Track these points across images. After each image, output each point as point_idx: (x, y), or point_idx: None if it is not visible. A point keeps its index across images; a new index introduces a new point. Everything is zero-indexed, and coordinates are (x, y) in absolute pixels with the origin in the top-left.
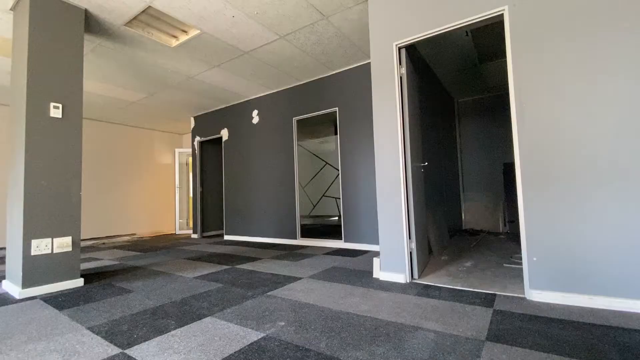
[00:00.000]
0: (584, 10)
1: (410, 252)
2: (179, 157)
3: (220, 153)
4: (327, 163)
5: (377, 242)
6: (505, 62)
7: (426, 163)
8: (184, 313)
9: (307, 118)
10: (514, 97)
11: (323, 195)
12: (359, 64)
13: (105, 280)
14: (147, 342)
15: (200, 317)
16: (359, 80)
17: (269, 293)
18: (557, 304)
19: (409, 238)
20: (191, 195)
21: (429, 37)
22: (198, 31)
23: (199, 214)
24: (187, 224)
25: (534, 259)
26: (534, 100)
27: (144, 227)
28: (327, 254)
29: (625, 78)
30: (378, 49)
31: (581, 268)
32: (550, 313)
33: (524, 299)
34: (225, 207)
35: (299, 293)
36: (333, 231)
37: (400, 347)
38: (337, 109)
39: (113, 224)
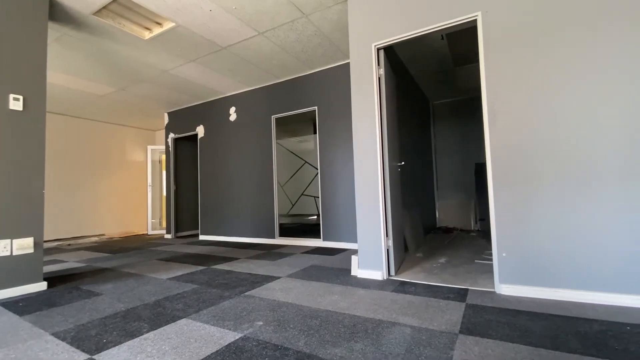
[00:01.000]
0: (550, 19)
1: (388, 250)
2: (151, 155)
3: (195, 150)
4: (306, 162)
5: (355, 241)
6: (478, 66)
7: (403, 163)
8: (158, 315)
9: (286, 116)
10: (486, 100)
11: (302, 194)
12: (338, 64)
13: (71, 283)
14: (117, 346)
15: (174, 319)
16: (338, 80)
17: (246, 293)
18: (525, 297)
19: (387, 236)
20: (165, 194)
21: (407, 40)
22: (173, 24)
23: (173, 214)
24: (160, 223)
25: (503, 254)
26: (505, 103)
27: (114, 228)
28: (306, 252)
29: (588, 83)
30: (357, 50)
31: (546, 263)
32: (518, 305)
33: (494, 293)
34: (201, 206)
35: (278, 292)
36: (312, 230)
37: (378, 343)
38: (316, 107)
39: (80, 224)
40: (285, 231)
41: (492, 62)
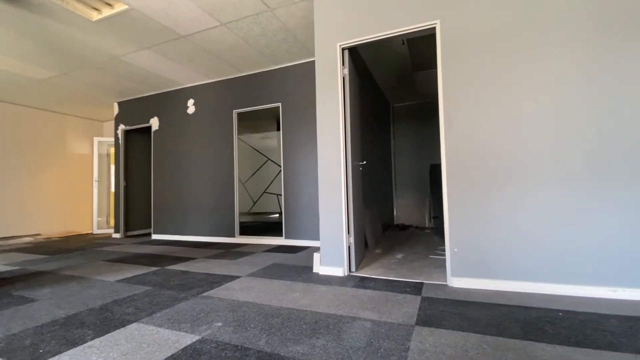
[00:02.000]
0: (499, 33)
1: (349, 247)
2: (98, 147)
3: (148, 144)
4: (268, 159)
5: (318, 238)
6: (436, 72)
7: (365, 162)
8: (104, 321)
9: (248, 112)
10: (442, 105)
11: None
12: (303, 61)
13: (0, 288)
14: (56, 356)
15: (124, 324)
16: (303, 77)
17: (204, 294)
18: (474, 289)
19: (348, 233)
20: (113, 190)
21: (370, 42)
22: (126, 6)
23: (123, 211)
24: (108, 222)
25: (455, 250)
26: (460, 108)
27: (53, 227)
28: (268, 251)
29: (533, 92)
30: (322, 48)
31: (492, 257)
32: (467, 297)
33: (446, 285)
34: (154, 204)
35: (238, 292)
36: (274, 228)
37: (340, 338)
38: (280, 104)
39: (10, 223)
40: (246, 229)
41: (448, 68)
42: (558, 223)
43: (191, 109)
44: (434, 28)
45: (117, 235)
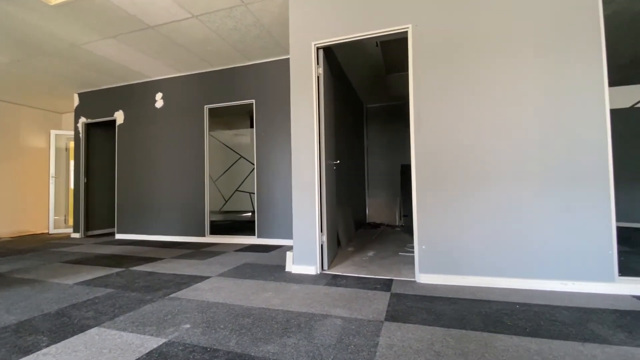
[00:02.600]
0: (468, 40)
1: (322, 245)
2: (56, 141)
3: (112, 138)
4: (241, 156)
5: (291, 237)
6: (407, 75)
7: (338, 161)
8: (61, 326)
9: (221, 107)
10: (413, 108)
11: (236, 190)
12: (278, 58)
13: None
14: None
15: (83, 329)
16: (277, 75)
17: (171, 295)
18: (440, 284)
19: (321, 231)
20: (72, 187)
21: (345, 42)
22: None
23: (83, 210)
24: (66, 221)
25: (423, 247)
26: (429, 111)
27: (3, 226)
28: (239, 250)
29: (496, 98)
30: (297, 46)
31: (456, 254)
32: (434, 292)
33: (414, 282)
34: (118, 202)
35: (207, 292)
36: (246, 227)
37: (311, 336)
38: (253, 101)
39: None
40: (217, 229)
41: (419, 72)
42: (516, 221)
43: (159, 103)
44: (407, 32)
45: (76, 235)
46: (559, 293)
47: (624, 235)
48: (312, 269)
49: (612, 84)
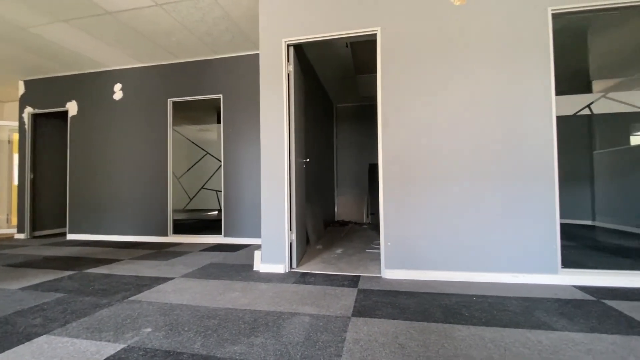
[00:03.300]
0: (433, 45)
1: (291, 243)
2: None
3: (64, 131)
4: (207, 153)
5: (259, 236)
6: (376, 76)
7: (308, 159)
8: (4, 335)
9: (186, 101)
10: (380, 109)
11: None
12: (247, 53)
13: None
14: None
15: (30, 338)
16: (247, 70)
17: (131, 298)
18: (404, 279)
19: (290, 230)
20: (16, 182)
21: (315, 41)
22: None
23: (29, 208)
24: (9, 220)
25: (389, 244)
26: (395, 112)
27: None
28: (205, 250)
29: (456, 101)
30: (267, 43)
31: (419, 250)
32: (398, 287)
33: (380, 277)
34: (71, 200)
35: (170, 294)
36: (212, 226)
37: (279, 334)
38: (221, 96)
39: None
40: (181, 228)
41: (387, 74)
42: (473, 218)
43: (118, 95)
44: (375, 34)
45: (20, 236)
46: (510, 285)
47: (566, 231)
48: (280, 268)
49: (558, 93)
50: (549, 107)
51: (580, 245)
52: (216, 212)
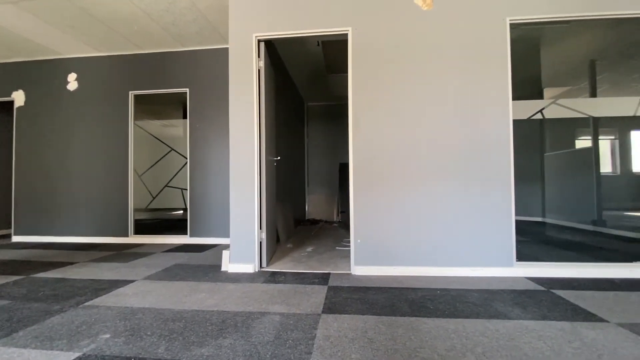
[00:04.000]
0: (402, 47)
1: (261, 242)
2: None
3: (8, 123)
4: (172, 149)
5: (227, 235)
6: (347, 76)
7: (279, 157)
8: None
9: (149, 95)
10: (351, 109)
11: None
12: (216, 47)
13: None
14: None
15: None
16: (215, 64)
17: (87, 303)
18: (373, 275)
19: (260, 228)
20: None
21: (286, 38)
22: None
23: None
24: None
25: (358, 241)
26: (365, 112)
27: None
28: (169, 251)
29: (422, 103)
30: (237, 37)
31: (387, 246)
32: (368, 283)
33: (350, 274)
34: (17, 198)
35: (131, 298)
36: (177, 226)
37: (248, 335)
38: (187, 90)
39: None
40: (143, 228)
41: (358, 74)
42: (437, 216)
43: (73, 85)
44: (347, 34)
45: None
46: (471, 278)
47: (520, 227)
48: (250, 267)
49: (514, 98)
50: (507, 111)
51: (532, 240)
52: (182, 211)
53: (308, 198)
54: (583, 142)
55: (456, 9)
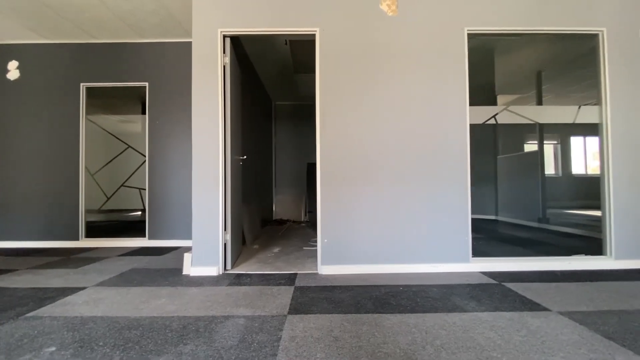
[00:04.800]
0: (368, 50)
1: (225, 244)
2: None
3: None
4: (129, 146)
5: (189, 237)
6: (315, 76)
7: (245, 156)
8: None
9: (104, 88)
10: (318, 109)
11: (122, 185)
12: (179, 40)
13: None
14: None
15: None
16: (177, 58)
17: (28, 314)
18: (339, 274)
19: (225, 230)
20: None
21: (253, 35)
22: None
23: None
24: None
25: (325, 240)
26: (332, 113)
27: None
28: (125, 255)
29: (387, 107)
30: (201, 31)
31: (353, 245)
32: (333, 282)
33: (317, 274)
34: None
35: (81, 306)
36: (134, 228)
37: (211, 340)
38: (147, 84)
39: None
40: (96, 231)
41: (325, 75)
42: (399, 215)
43: (14, 74)
44: (314, 35)
45: None
46: (430, 274)
47: (475, 225)
48: (213, 270)
49: (471, 103)
50: (464, 115)
51: (486, 237)
52: (140, 213)
53: (275, 198)
54: (531, 146)
55: (419, 17)
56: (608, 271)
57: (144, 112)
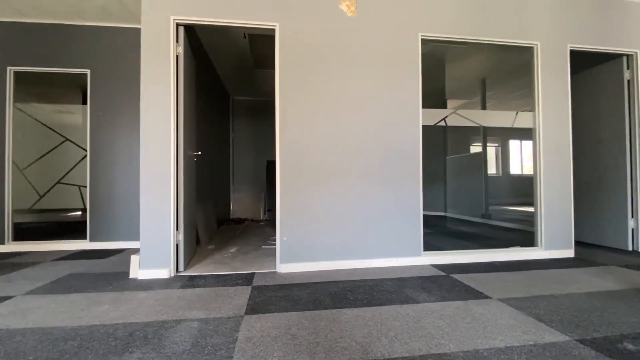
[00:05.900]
0: (329, 48)
1: (177, 245)
2: None
3: None
4: (67, 139)
5: (137, 238)
6: (274, 72)
7: (200, 152)
8: None
9: (36, 73)
10: (278, 106)
11: (58, 182)
12: (126, 25)
13: None
14: None
15: None
16: (124, 45)
17: None
18: (297, 272)
19: (177, 230)
20: None
21: (210, 25)
22: None
23: None
24: None
25: (284, 238)
26: (292, 110)
27: None
28: (63, 259)
29: (348, 104)
30: (152, 17)
31: (310, 242)
32: (292, 280)
33: (275, 272)
34: None
35: (7, 318)
36: (73, 229)
37: (160, 346)
38: (88, 71)
39: None
40: (27, 233)
41: (285, 72)
42: (356, 212)
43: None
44: (274, 30)
45: None
46: (386, 268)
47: (426, 221)
48: (164, 272)
49: (423, 106)
50: (417, 117)
51: (435, 232)
52: (80, 212)
53: (233, 196)
54: (476, 148)
55: (378, 19)
56: (539, 260)
57: (85, 102)
